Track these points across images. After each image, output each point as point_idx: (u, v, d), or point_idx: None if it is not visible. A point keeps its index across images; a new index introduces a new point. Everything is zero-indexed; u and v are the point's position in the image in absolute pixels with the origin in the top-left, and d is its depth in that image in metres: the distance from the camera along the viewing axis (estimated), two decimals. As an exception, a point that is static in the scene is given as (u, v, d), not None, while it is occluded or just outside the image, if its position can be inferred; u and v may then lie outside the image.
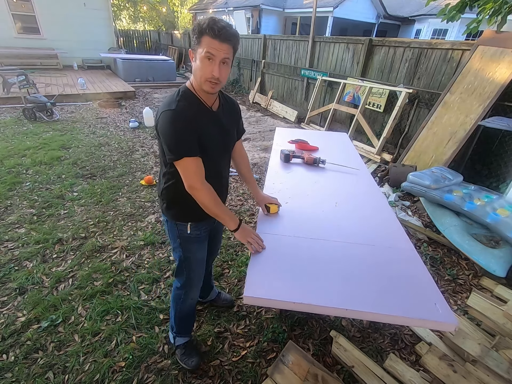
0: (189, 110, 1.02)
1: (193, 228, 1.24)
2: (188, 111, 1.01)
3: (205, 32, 0.93)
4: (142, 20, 21.73)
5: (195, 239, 1.28)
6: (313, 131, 3.02)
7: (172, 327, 1.53)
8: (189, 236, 1.25)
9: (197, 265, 1.34)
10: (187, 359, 1.51)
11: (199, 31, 0.94)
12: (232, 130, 1.25)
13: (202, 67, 0.97)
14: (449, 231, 2.46)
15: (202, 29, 0.93)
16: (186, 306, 1.44)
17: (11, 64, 8.38)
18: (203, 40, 0.94)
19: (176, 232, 1.24)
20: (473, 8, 3.03)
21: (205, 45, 0.94)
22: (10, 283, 1.95)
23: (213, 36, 0.92)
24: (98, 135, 4.76)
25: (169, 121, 0.99)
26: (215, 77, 0.97)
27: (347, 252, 1.21)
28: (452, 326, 0.93)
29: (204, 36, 0.94)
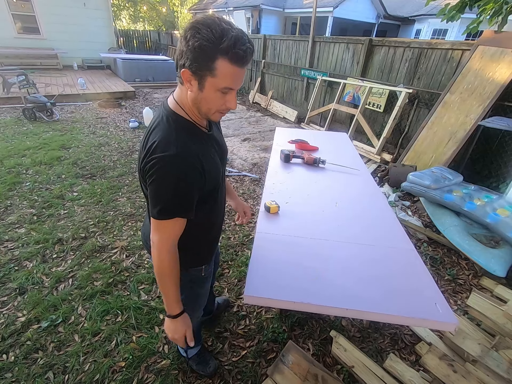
0: (191, 148, 0.78)
1: (206, 268, 1.11)
2: (191, 151, 0.77)
3: (224, 54, 0.66)
4: (142, 20, 21.73)
5: (207, 277, 1.16)
6: (313, 131, 3.02)
7: None
8: (203, 278, 1.12)
9: (205, 295, 1.22)
10: (203, 367, 1.48)
11: (213, 50, 0.65)
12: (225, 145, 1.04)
13: (214, 100, 0.74)
14: (449, 231, 2.46)
15: (219, 49, 0.65)
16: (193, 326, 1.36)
17: (11, 64, 8.38)
18: (220, 66, 0.67)
19: (188, 278, 1.04)
20: (473, 8, 3.04)
21: (224, 74, 0.69)
22: (10, 283, 1.95)
23: (236, 62, 0.68)
24: (98, 135, 4.76)
25: (170, 172, 0.74)
26: (233, 109, 0.78)
27: (347, 252, 1.21)
28: (452, 326, 0.93)
29: (221, 60, 0.67)
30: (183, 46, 0.68)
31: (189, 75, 0.71)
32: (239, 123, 5.94)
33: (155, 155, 0.74)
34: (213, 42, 0.65)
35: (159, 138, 0.76)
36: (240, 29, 0.68)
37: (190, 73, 0.70)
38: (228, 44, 0.65)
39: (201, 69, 0.69)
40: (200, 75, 0.70)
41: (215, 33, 0.64)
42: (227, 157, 1.07)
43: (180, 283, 0.94)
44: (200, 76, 0.70)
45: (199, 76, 0.70)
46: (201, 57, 0.67)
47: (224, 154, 1.00)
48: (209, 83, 0.71)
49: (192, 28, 0.66)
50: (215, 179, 0.89)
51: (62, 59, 9.76)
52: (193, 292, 1.14)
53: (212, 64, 0.67)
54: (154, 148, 0.75)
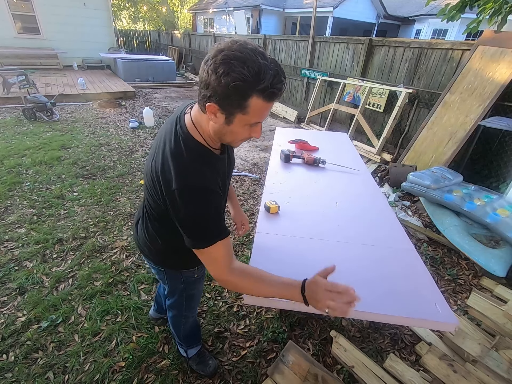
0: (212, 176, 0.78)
1: (199, 270, 1.11)
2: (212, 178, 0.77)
3: (259, 94, 0.62)
4: (142, 20, 21.72)
5: (200, 279, 1.18)
6: (313, 131, 3.02)
7: (181, 344, 1.49)
8: (195, 279, 1.13)
9: (198, 295, 1.25)
10: (204, 367, 1.48)
11: (249, 90, 0.62)
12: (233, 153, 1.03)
13: (241, 133, 0.73)
14: (449, 231, 2.46)
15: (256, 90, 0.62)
16: (188, 325, 1.37)
17: (11, 64, 8.38)
18: (253, 104, 0.64)
19: (181, 279, 1.08)
20: (473, 8, 3.04)
21: (257, 111, 0.66)
22: (10, 283, 1.95)
23: (270, 100, 0.65)
24: (98, 135, 4.76)
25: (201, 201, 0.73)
26: (257, 137, 0.77)
27: (347, 252, 1.21)
28: (452, 326, 0.93)
29: (255, 98, 0.63)
30: (213, 81, 0.62)
31: (216, 109, 0.67)
32: (239, 123, 5.93)
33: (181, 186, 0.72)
34: (250, 83, 0.60)
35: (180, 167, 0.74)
36: (275, 62, 0.63)
37: (217, 107, 0.66)
38: (266, 85, 0.61)
39: (232, 107, 0.65)
40: (230, 111, 0.67)
41: (252, 72, 0.59)
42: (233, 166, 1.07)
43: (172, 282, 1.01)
44: (229, 112, 0.67)
45: (228, 112, 0.67)
46: (235, 96, 0.63)
47: (232, 167, 1.00)
48: (238, 119, 0.68)
49: (226, 64, 0.60)
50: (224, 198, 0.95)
51: (62, 59, 9.76)
52: (186, 293, 1.16)
53: (245, 103, 0.64)
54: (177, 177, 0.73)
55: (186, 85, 9.62)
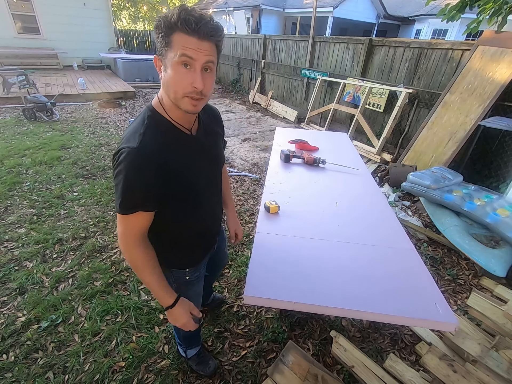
0: (156, 144, 0.76)
1: (192, 273, 1.06)
2: (154, 146, 0.75)
3: (176, 28, 0.66)
4: (142, 20, 21.71)
5: (195, 281, 1.11)
6: (313, 131, 3.02)
7: (180, 344, 1.48)
8: (187, 281, 1.08)
9: (194, 299, 1.11)
10: (203, 367, 1.48)
11: (167, 27, 0.67)
12: (220, 151, 1.01)
13: (176, 78, 0.70)
14: (449, 231, 2.46)
15: (172, 23, 0.66)
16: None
17: (11, 64, 8.37)
18: (175, 39, 0.67)
19: (172, 278, 1.03)
20: (473, 8, 3.04)
21: (179, 45, 0.67)
22: (10, 283, 1.95)
23: (188, 32, 0.66)
24: (98, 135, 4.76)
25: (126, 163, 0.73)
26: (198, 89, 0.71)
27: (347, 252, 1.21)
28: (452, 326, 0.93)
29: (175, 34, 0.67)
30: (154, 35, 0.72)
31: (157, 59, 0.73)
32: (239, 123, 5.94)
33: (120, 146, 0.75)
34: (167, 19, 0.67)
35: (128, 132, 0.78)
36: (196, 9, 0.69)
37: (156, 57, 0.73)
38: (178, 15, 0.66)
39: (162, 48, 0.70)
40: (163, 55, 0.71)
41: (168, 13, 0.68)
42: (221, 166, 1.03)
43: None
44: (164, 56, 0.71)
45: (163, 57, 0.71)
46: (160, 36, 0.69)
47: (215, 161, 0.98)
48: (169, 60, 0.70)
49: (160, 18, 0.69)
50: (189, 181, 0.85)
51: (62, 59, 9.75)
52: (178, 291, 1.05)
53: (169, 39, 0.68)
54: (121, 140, 0.77)
55: (186, 85, 9.61)
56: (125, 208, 0.77)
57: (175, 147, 0.81)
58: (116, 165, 0.75)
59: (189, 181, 0.85)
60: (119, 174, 0.74)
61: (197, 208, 0.93)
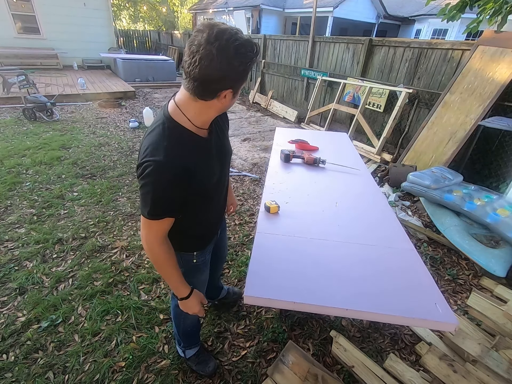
0: (182, 158, 0.81)
1: (199, 256, 1.15)
2: (180, 160, 0.81)
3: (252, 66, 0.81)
4: (142, 20, 21.72)
5: (201, 265, 1.20)
6: (313, 131, 3.02)
7: (179, 342, 1.49)
8: (195, 265, 1.16)
9: (200, 286, 1.21)
10: (203, 367, 1.48)
11: (250, 67, 0.78)
12: (228, 145, 1.09)
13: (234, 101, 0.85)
14: (449, 231, 2.46)
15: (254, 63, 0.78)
16: (189, 321, 1.37)
17: (11, 64, 8.37)
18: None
19: (180, 262, 1.08)
20: (473, 8, 3.04)
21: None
22: (10, 283, 1.95)
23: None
24: (98, 135, 4.76)
25: (154, 177, 0.78)
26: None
27: (347, 252, 1.21)
28: (452, 326, 0.93)
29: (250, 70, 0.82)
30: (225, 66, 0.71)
31: (229, 92, 0.77)
32: (239, 123, 5.94)
33: (145, 159, 0.78)
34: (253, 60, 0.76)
35: (151, 143, 0.80)
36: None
37: (231, 91, 0.78)
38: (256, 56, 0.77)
39: (242, 82, 0.79)
40: (238, 87, 0.80)
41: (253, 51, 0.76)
42: (230, 158, 1.11)
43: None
44: (238, 88, 0.80)
45: (237, 89, 0.80)
46: (245, 73, 0.77)
47: (225, 156, 1.04)
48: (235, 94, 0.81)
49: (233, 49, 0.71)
50: (208, 182, 0.94)
51: (62, 59, 9.75)
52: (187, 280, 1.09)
53: (247, 75, 0.79)
54: (145, 152, 0.80)
55: (186, 85, 9.61)
56: (153, 215, 0.84)
57: (194, 153, 0.86)
58: (144, 177, 0.79)
59: (205, 183, 0.92)
60: (146, 186, 0.80)
61: (208, 203, 1.02)
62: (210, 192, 0.98)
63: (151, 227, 0.88)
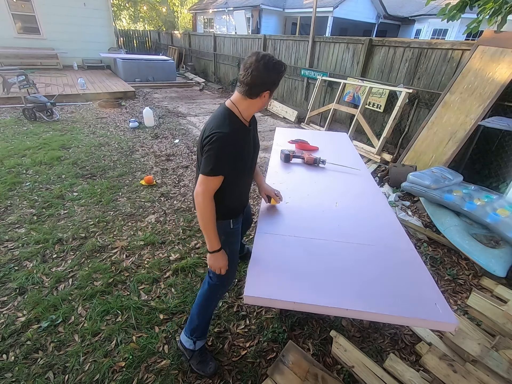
0: (237, 134, 1.16)
1: (234, 223, 1.37)
2: (236, 135, 1.15)
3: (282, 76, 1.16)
4: (142, 20, 21.71)
5: (236, 232, 1.41)
6: (313, 131, 3.02)
7: (193, 332, 1.50)
8: (231, 231, 1.38)
9: (235, 256, 1.45)
10: (204, 367, 1.50)
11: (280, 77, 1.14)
12: (258, 140, 1.42)
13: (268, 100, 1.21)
14: (449, 231, 2.46)
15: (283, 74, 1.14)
16: (216, 302, 1.54)
17: (11, 64, 8.38)
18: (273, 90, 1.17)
19: (220, 229, 1.31)
20: (473, 8, 3.03)
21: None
22: (10, 283, 1.95)
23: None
24: (98, 135, 4.76)
25: (219, 142, 1.10)
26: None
27: (347, 252, 1.21)
28: (452, 326, 0.93)
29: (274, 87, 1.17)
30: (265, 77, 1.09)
31: (268, 94, 1.15)
32: (239, 123, 5.93)
33: (213, 131, 1.11)
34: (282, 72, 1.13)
35: (217, 123, 1.14)
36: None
37: (269, 93, 1.15)
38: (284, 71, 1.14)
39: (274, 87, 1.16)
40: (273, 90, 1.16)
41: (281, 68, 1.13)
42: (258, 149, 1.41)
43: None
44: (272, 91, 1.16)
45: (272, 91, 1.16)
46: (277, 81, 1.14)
47: (256, 145, 1.37)
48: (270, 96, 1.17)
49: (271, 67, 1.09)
50: (247, 159, 1.26)
51: (62, 59, 9.76)
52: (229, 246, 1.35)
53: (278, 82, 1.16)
54: (213, 128, 1.12)
55: (186, 85, 9.62)
56: (213, 172, 1.13)
57: (242, 135, 1.20)
58: (211, 143, 1.10)
59: (246, 159, 1.25)
60: (211, 150, 1.10)
61: (244, 178, 1.32)
62: (246, 168, 1.29)
63: (207, 183, 1.15)
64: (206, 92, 9.01)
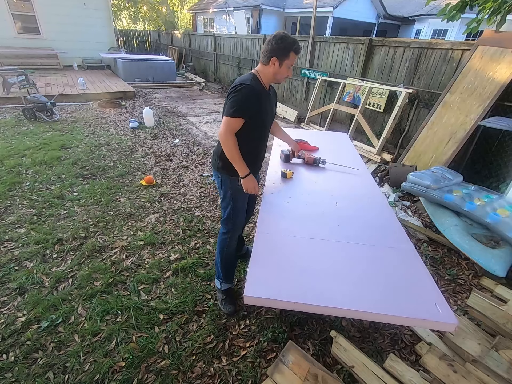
0: (258, 89, 1.43)
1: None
2: (256, 89, 1.42)
3: (292, 50, 1.41)
4: (142, 20, 21.70)
5: (242, 190, 1.57)
6: (313, 131, 3.02)
7: (219, 274, 1.84)
8: (238, 188, 1.57)
9: (240, 212, 1.69)
10: (226, 304, 1.81)
11: (289, 48, 1.40)
12: (275, 107, 1.71)
13: (285, 72, 1.47)
14: (449, 231, 2.46)
15: (292, 47, 1.40)
16: (230, 251, 1.76)
17: (11, 64, 8.39)
18: (291, 56, 1.42)
19: (229, 184, 1.59)
20: (473, 8, 3.03)
21: (292, 59, 1.43)
22: (10, 283, 1.95)
23: (297, 54, 1.44)
24: (98, 135, 4.76)
25: (243, 90, 1.37)
26: (289, 77, 1.53)
27: (347, 252, 1.21)
28: (452, 326, 0.93)
29: (291, 52, 1.41)
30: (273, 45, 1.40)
31: (275, 60, 1.42)
32: (239, 123, 5.93)
33: (239, 83, 1.40)
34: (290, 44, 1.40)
35: (242, 79, 1.45)
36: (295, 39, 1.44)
37: (276, 59, 1.41)
38: (296, 45, 1.42)
39: (281, 56, 1.41)
40: (281, 59, 1.42)
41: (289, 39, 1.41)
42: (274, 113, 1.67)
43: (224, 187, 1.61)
44: (281, 60, 1.42)
45: (281, 60, 1.42)
46: (284, 51, 1.41)
47: (273, 109, 1.64)
48: (285, 63, 1.43)
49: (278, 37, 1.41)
50: (265, 116, 1.52)
51: (62, 59, 9.77)
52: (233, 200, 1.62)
53: (288, 54, 1.41)
54: (238, 81, 1.43)
55: (186, 85, 9.62)
56: (235, 113, 1.37)
57: (261, 91, 1.47)
58: (236, 91, 1.38)
59: (263, 114, 1.49)
60: (236, 96, 1.38)
61: (261, 135, 1.58)
62: (264, 123, 1.54)
63: (230, 123, 1.39)
64: (206, 92, 9.01)
